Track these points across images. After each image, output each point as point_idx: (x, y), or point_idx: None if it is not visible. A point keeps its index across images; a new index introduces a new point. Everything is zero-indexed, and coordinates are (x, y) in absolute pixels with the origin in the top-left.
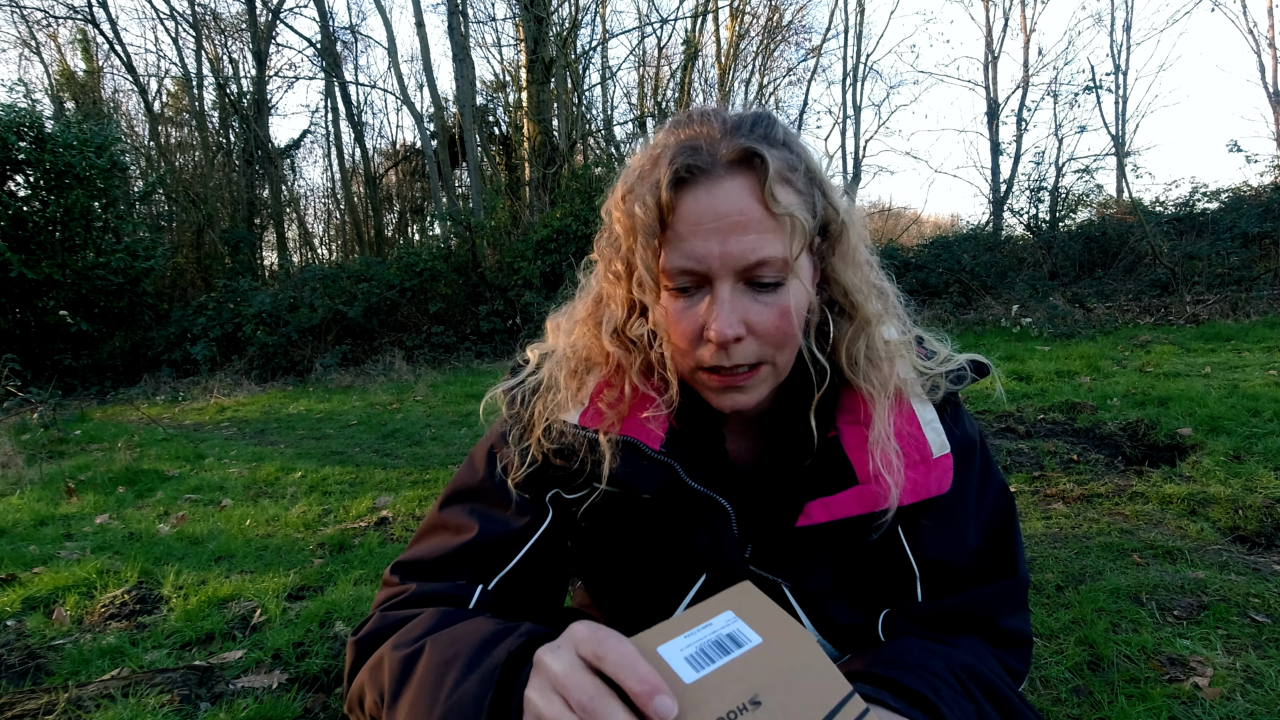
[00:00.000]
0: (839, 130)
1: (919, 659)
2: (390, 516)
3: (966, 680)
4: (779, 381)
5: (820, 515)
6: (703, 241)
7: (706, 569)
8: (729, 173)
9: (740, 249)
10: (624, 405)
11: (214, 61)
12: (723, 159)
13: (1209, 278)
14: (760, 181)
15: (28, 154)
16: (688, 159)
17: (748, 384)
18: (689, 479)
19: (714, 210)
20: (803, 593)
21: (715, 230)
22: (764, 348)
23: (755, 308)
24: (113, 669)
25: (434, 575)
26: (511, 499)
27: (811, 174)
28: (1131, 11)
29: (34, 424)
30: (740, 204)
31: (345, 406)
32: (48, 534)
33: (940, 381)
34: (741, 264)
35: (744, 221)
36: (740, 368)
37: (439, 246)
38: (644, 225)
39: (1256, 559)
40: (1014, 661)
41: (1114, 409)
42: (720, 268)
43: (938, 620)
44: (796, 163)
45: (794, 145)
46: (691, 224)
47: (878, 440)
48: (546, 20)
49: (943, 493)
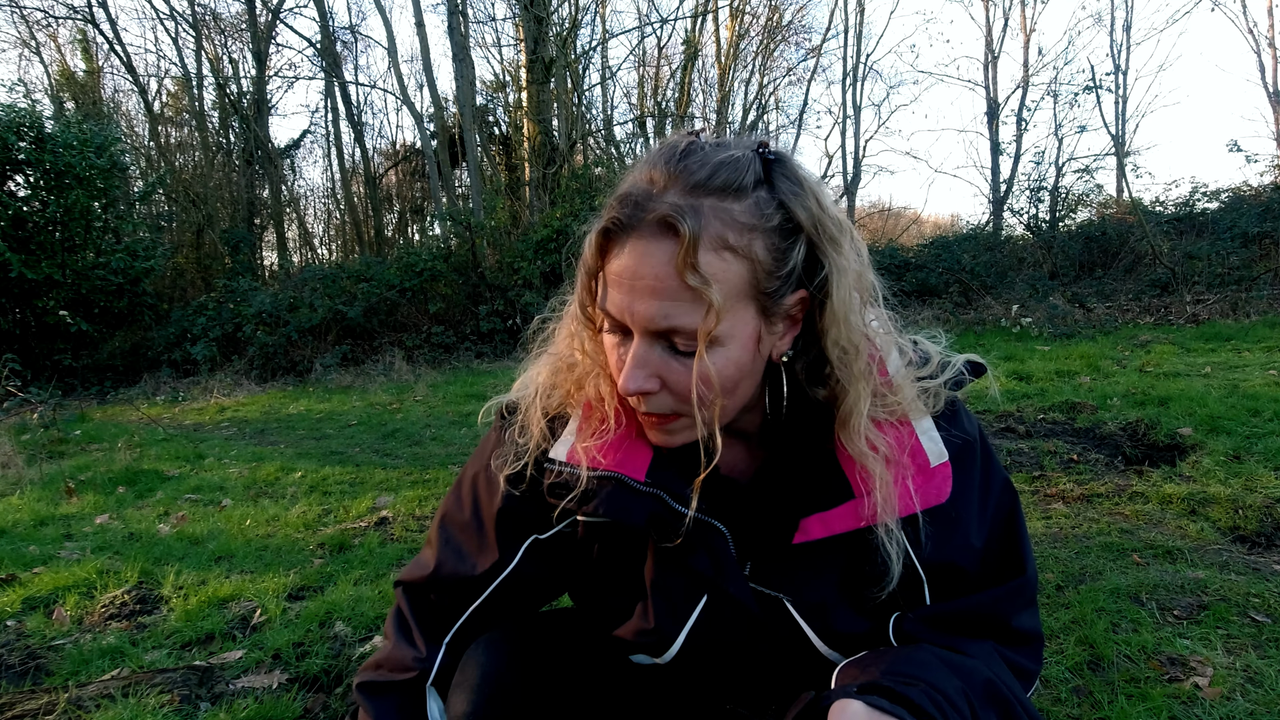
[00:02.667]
0: (839, 130)
1: (935, 678)
2: (390, 516)
3: (982, 704)
4: (708, 431)
5: (818, 531)
6: (622, 295)
7: (708, 590)
8: (653, 234)
9: (649, 313)
10: (608, 433)
11: (214, 61)
12: (649, 220)
13: (1209, 278)
14: (684, 248)
15: (28, 154)
16: (618, 211)
17: (669, 428)
18: (678, 505)
19: (631, 269)
20: (804, 606)
21: (631, 289)
22: (679, 403)
23: (671, 365)
24: (113, 669)
25: (423, 594)
26: (485, 539)
27: (793, 223)
28: (1131, 11)
29: (34, 424)
30: (655, 269)
31: (345, 406)
32: (48, 534)
33: (940, 391)
34: (652, 327)
35: (657, 287)
36: (656, 414)
37: (439, 246)
38: (585, 264)
39: (1256, 559)
40: (1026, 661)
41: (1114, 409)
42: (633, 324)
43: (949, 622)
44: (763, 217)
45: (781, 188)
46: (614, 276)
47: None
48: (546, 20)
49: (942, 501)
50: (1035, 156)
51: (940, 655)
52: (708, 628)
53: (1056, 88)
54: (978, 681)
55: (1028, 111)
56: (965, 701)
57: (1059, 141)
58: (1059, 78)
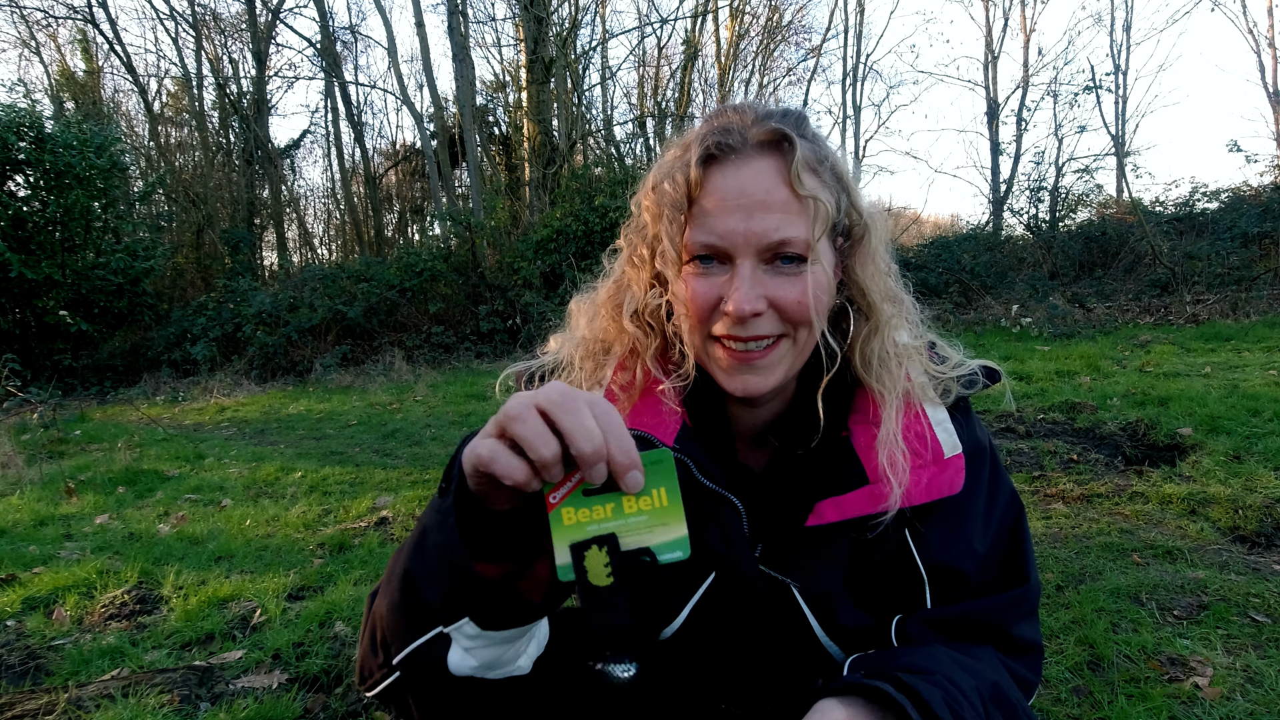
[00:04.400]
0: (839, 130)
1: (949, 672)
2: (390, 516)
3: (991, 705)
4: (795, 365)
5: (832, 514)
6: (728, 218)
7: (716, 567)
8: (758, 153)
9: (764, 227)
10: (635, 390)
11: (214, 61)
12: (753, 140)
13: (1209, 278)
14: (787, 164)
15: (28, 154)
16: (718, 138)
17: (762, 363)
18: (701, 476)
19: (740, 188)
20: (811, 595)
21: (740, 208)
22: (784, 323)
23: (776, 283)
24: (113, 669)
25: None
26: None
27: (837, 171)
28: (1131, 11)
29: (34, 424)
30: (767, 184)
31: (345, 406)
32: (48, 534)
33: (951, 385)
34: (764, 242)
35: (769, 201)
36: (759, 341)
37: (439, 246)
38: (671, 201)
39: (1256, 559)
40: (1026, 671)
41: (1114, 409)
42: (743, 245)
43: (951, 626)
44: (824, 156)
45: (822, 142)
46: (718, 200)
47: (886, 440)
48: (546, 20)
49: (954, 493)
50: (1035, 156)
51: (953, 655)
52: (712, 605)
53: (1056, 88)
54: (986, 682)
55: (1028, 111)
56: (979, 699)
57: (1059, 141)
58: (1059, 78)
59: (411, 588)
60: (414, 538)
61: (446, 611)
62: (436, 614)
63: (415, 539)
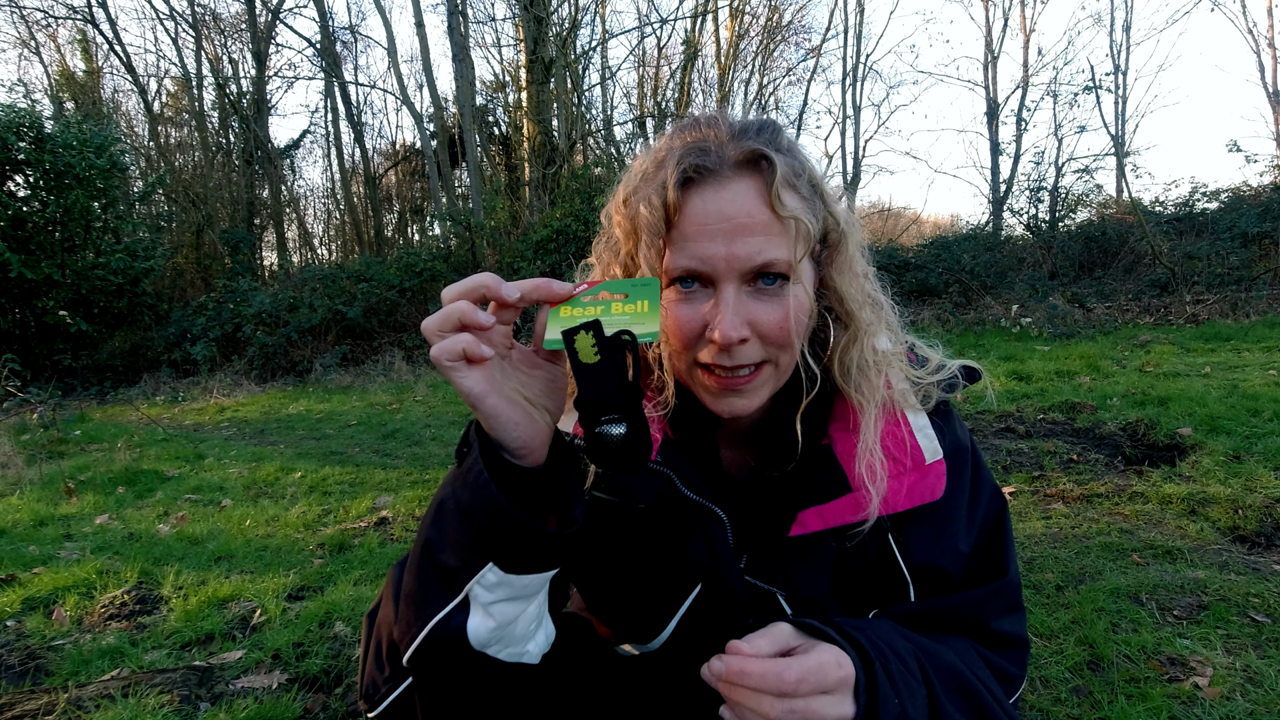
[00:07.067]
0: (839, 130)
1: (885, 635)
2: (390, 517)
3: (935, 675)
4: (779, 385)
5: (815, 523)
6: (709, 243)
7: (702, 578)
8: (736, 174)
9: (746, 251)
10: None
11: (214, 62)
12: (730, 160)
13: (1209, 278)
14: (767, 184)
15: (27, 154)
16: (696, 159)
17: (748, 387)
18: (684, 489)
19: (720, 211)
20: (798, 602)
21: (721, 231)
22: (767, 348)
23: (759, 309)
24: (113, 669)
25: None
26: None
27: (813, 182)
28: (1131, 11)
29: (34, 424)
30: (747, 206)
31: (345, 407)
32: (48, 534)
33: (932, 391)
34: (747, 266)
35: (750, 224)
36: (742, 369)
37: (439, 247)
38: (649, 224)
39: (1256, 559)
40: (1008, 665)
41: (1114, 409)
42: (726, 269)
43: (926, 619)
44: (800, 169)
45: (797, 153)
46: (698, 224)
47: (866, 448)
48: (546, 20)
49: (936, 499)
50: (1035, 156)
51: (901, 630)
52: (699, 617)
53: (1056, 88)
54: (942, 663)
55: (1027, 112)
56: (915, 662)
57: (1059, 141)
58: (1059, 78)
59: (430, 557)
60: (429, 516)
61: (468, 564)
62: (457, 574)
63: (430, 516)
